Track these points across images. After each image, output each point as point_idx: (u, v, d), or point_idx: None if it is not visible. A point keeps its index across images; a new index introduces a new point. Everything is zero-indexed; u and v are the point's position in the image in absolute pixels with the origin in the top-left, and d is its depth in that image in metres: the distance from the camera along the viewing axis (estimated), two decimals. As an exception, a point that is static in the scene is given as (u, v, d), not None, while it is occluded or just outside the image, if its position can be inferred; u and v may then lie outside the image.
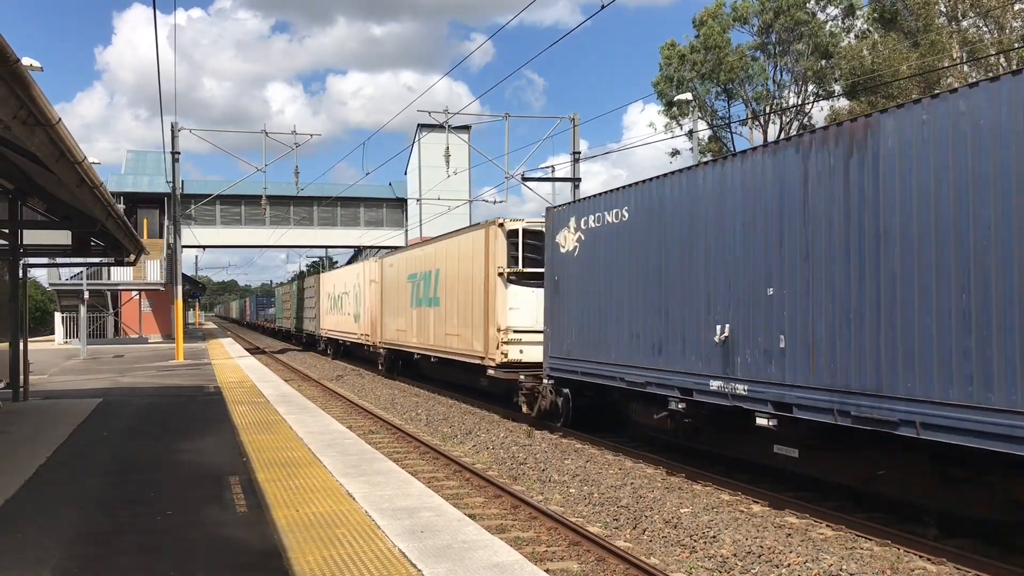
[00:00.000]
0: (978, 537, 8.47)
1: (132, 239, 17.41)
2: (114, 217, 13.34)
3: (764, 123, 52.44)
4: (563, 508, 10.51)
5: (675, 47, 52.58)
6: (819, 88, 50.39)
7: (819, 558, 8.15)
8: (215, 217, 48.42)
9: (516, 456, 13.92)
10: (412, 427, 17.63)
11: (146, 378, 22.04)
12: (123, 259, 23.76)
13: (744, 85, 51.88)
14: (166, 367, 26.09)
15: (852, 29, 49.28)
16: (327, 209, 50.19)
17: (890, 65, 37.05)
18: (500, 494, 11.21)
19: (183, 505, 7.85)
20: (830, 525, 9.41)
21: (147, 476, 9.28)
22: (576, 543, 8.88)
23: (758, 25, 50.89)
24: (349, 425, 16.71)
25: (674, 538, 9.03)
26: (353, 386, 26.70)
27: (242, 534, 6.86)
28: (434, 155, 39.96)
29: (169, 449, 10.99)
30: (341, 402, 22.26)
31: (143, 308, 47.81)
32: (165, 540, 6.72)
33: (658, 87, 53.07)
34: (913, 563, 8.12)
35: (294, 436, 11.93)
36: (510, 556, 6.21)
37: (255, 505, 7.81)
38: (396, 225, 50.97)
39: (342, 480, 8.81)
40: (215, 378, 21.82)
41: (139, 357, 31.22)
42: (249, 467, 9.61)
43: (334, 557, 6.17)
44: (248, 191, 42.74)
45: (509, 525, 9.75)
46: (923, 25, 37.98)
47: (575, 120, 30.26)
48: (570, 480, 12.05)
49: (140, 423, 13.60)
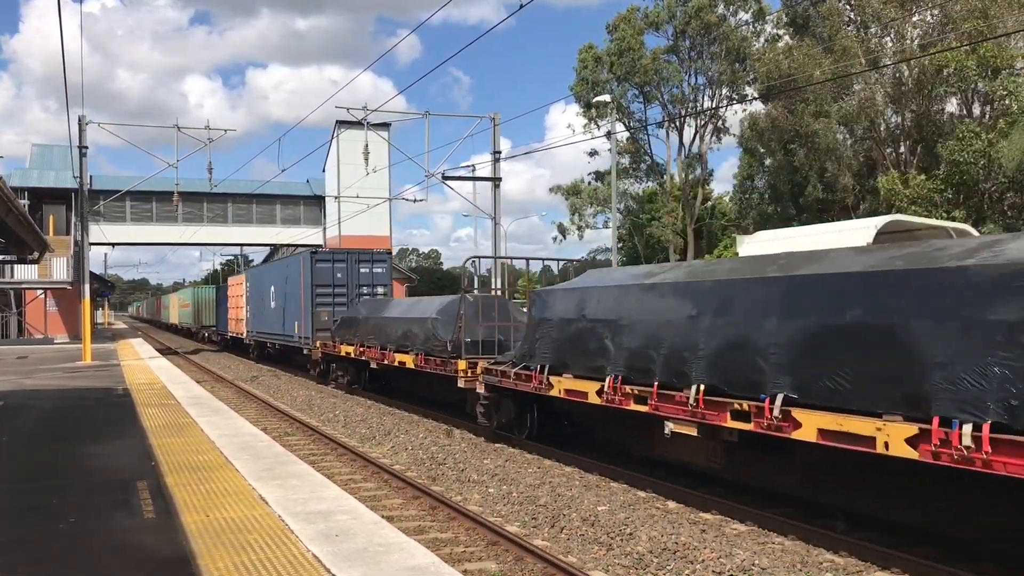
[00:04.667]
0: (882, 530, 8.75)
1: (35, 236, 16.80)
2: (15, 213, 12.85)
3: (680, 125, 53.38)
4: (482, 508, 10.49)
5: (592, 49, 53.10)
6: (732, 92, 51.50)
7: (732, 553, 8.30)
8: (125, 214, 47.02)
9: (435, 456, 13.86)
10: (329, 428, 17.40)
11: (51, 380, 21.25)
12: (26, 256, 22.94)
13: (660, 88, 52.68)
14: (73, 368, 25.20)
15: (763, 33, 50.53)
16: (242, 206, 49.21)
17: (804, 70, 38.06)
18: (419, 495, 11.13)
19: (88, 512, 7.58)
20: (742, 521, 9.60)
21: (50, 482, 8.94)
22: (494, 543, 8.87)
23: (672, 30, 51.75)
24: (264, 427, 16.39)
25: (591, 536, 9.10)
26: (269, 387, 26.23)
27: (150, 540, 6.65)
28: (353, 152, 39.37)
29: (74, 454, 10.61)
30: (256, 404, 21.84)
31: (49, 307, 46.10)
32: (68, 549, 6.47)
33: (575, 90, 53.53)
34: (822, 556, 8.33)
35: (206, 439, 11.65)
36: (427, 558, 6.16)
37: (164, 511, 7.58)
38: (314, 223, 50.27)
39: (255, 484, 8.63)
40: (124, 380, 21.17)
41: (44, 358, 30.09)
42: (158, 471, 9.33)
43: (245, 563, 6.03)
44: (160, 187, 41.65)
45: (427, 526, 9.69)
46: (831, 33, 39.14)
47: (495, 120, 30.30)
48: (489, 479, 12.04)
49: (43, 427, 13.09)
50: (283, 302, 29.81)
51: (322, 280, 26.48)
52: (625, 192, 58.09)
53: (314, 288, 26.42)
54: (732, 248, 40.48)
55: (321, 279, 26.49)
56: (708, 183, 58.24)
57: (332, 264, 26.82)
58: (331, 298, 26.44)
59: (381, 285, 27.36)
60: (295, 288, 27.91)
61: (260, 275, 35.51)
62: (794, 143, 41.45)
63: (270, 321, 32.19)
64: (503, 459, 13.48)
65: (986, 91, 35.30)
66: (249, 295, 36.71)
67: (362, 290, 26.84)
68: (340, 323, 24.53)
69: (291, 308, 28.48)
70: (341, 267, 26.80)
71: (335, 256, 27.27)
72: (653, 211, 57.10)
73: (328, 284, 26.50)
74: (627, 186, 58.25)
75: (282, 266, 31.56)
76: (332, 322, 25.57)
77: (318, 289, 26.44)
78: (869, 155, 40.47)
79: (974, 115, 36.95)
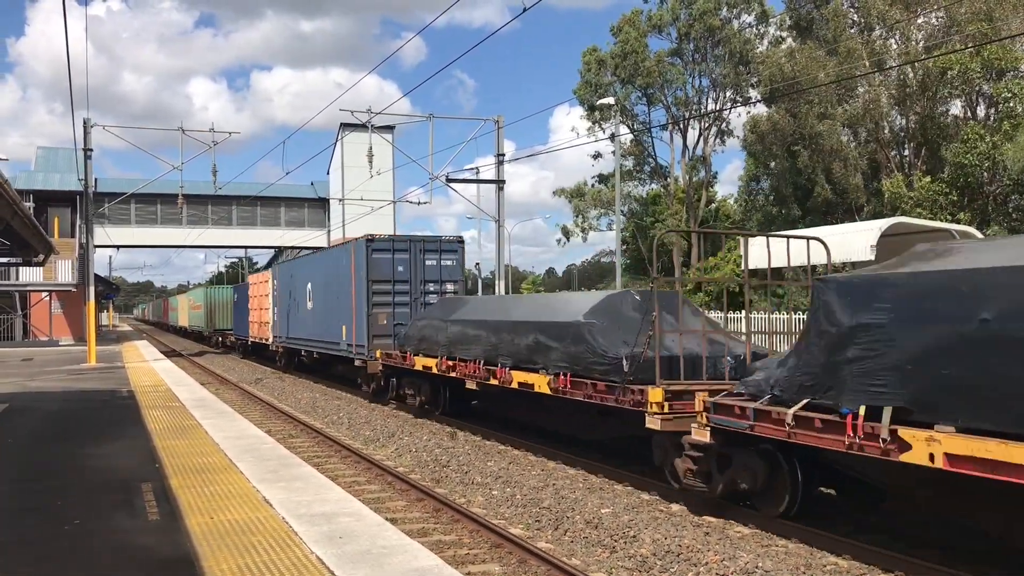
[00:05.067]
0: (886, 533, 8.73)
1: (40, 238, 16.84)
2: (20, 215, 12.89)
3: (684, 128, 53.36)
4: (485, 510, 10.49)
5: (596, 52, 53.12)
6: (736, 94, 51.47)
7: (736, 556, 8.29)
8: (130, 216, 47.15)
9: (439, 459, 13.86)
10: (333, 431, 17.40)
11: (56, 382, 21.30)
12: (31, 259, 23.01)
13: (664, 90, 52.67)
14: (78, 371, 25.25)
15: (766, 36, 50.50)
16: (247, 209, 49.31)
17: (808, 72, 38.04)
18: (422, 497, 11.13)
19: (92, 513, 7.60)
20: (746, 524, 9.58)
21: (54, 484, 8.96)
22: (498, 545, 8.86)
23: (676, 33, 51.75)
24: (268, 429, 16.40)
25: (595, 538, 9.10)
26: (273, 390, 26.24)
27: (153, 542, 6.67)
28: (357, 155, 39.53)
29: (78, 455, 10.63)
30: (260, 406, 21.86)
31: (54, 310, 46.19)
32: (71, 550, 6.49)
33: (579, 93, 53.54)
34: (826, 559, 8.32)
35: (210, 441, 11.66)
36: (430, 560, 6.16)
37: (168, 512, 7.60)
38: (318, 225, 50.35)
39: (259, 486, 8.64)
40: (129, 382, 21.21)
41: (49, 360, 30.15)
42: (162, 473, 9.35)
43: (249, 565, 6.04)
44: (164, 190, 41.73)
45: (431, 528, 9.69)
46: (835, 35, 39.13)
47: (499, 122, 30.33)
48: (493, 482, 12.04)
49: (48, 429, 13.12)
50: (325, 302, 25.11)
51: (380, 275, 21.41)
52: (629, 194, 58.09)
53: (371, 285, 21.22)
54: (736, 251, 40.45)
55: (379, 273, 21.42)
56: (712, 185, 58.25)
57: (392, 255, 21.58)
58: (390, 297, 21.46)
59: (451, 281, 22.28)
60: (343, 285, 23.03)
61: (293, 271, 30.03)
62: (797, 145, 41.43)
63: (306, 325, 27.54)
64: (507, 461, 13.48)
65: (991, 93, 35.25)
66: (277, 295, 31.95)
67: (428, 287, 21.77)
68: (413, 328, 19.25)
69: (337, 309, 23.62)
70: (403, 259, 21.64)
71: (396, 245, 21.75)
72: (657, 213, 57.09)
73: (387, 280, 21.43)
74: (631, 188, 58.25)
75: (325, 259, 26.46)
76: (394, 327, 21.12)
77: (375, 286, 21.28)
78: (873, 157, 40.43)
79: (979, 117, 36.90)
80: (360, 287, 21.53)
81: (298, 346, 28.94)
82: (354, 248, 22.28)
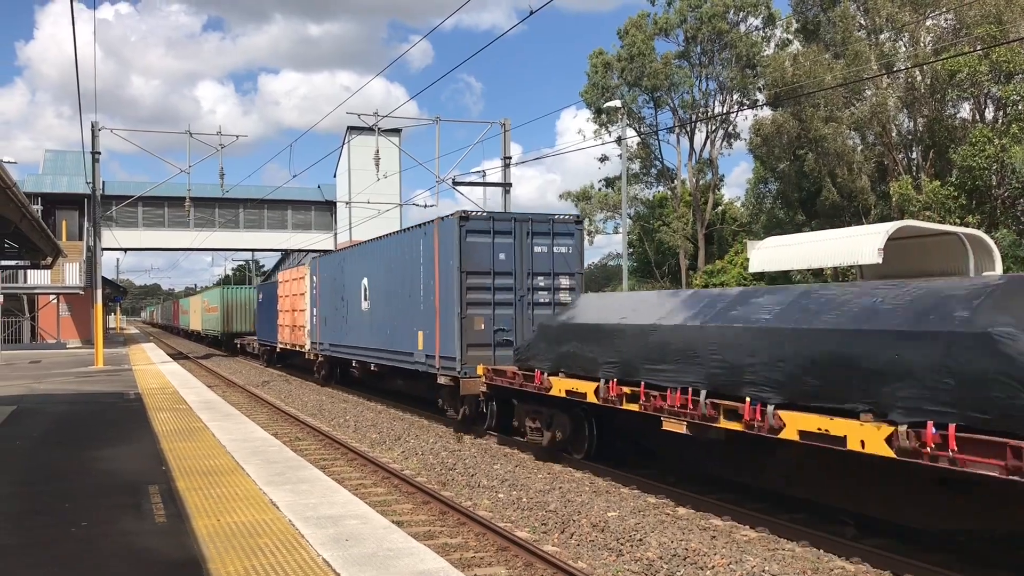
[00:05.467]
0: (893, 536, 8.70)
1: (48, 241, 16.89)
2: (28, 218, 12.93)
3: (690, 131, 53.29)
4: (491, 513, 10.48)
5: (602, 55, 53.12)
6: (743, 98, 51.41)
7: (742, 560, 8.27)
8: (137, 219, 47.24)
9: (445, 461, 13.85)
10: (340, 433, 17.41)
11: (63, 384, 21.35)
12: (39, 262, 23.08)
13: (670, 93, 52.64)
14: (85, 373, 25.32)
15: (773, 39, 50.46)
16: (254, 211, 49.39)
17: (813, 75, 38.00)
18: (428, 500, 11.13)
19: (99, 515, 7.61)
20: (753, 527, 9.56)
21: (62, 486, 8.98)
22: (504, 548, 8.86)
23: (682, 36, 51.73)
24: (274, 432, 16.43)
25: (601, 542, 9.08)
26: (280, 392, 26.27)
27: (160, 544, 6.67)
28: (364, 158, 39.55)
29: (86, 458, 10.65)
30: (267, 408, 21.89)
31: (61, 312, 46.34)
32: (78, 552, 6.50)
33: (586, 95, 53.53)
34: (833, 563, 8.29)
35: (217, 444, 11.68)
36: (436, 563, 6.16)
37: (175, 515, 7.61)
38: (325, 228, 50.40)
39: (266, 488, 8.65)
40: (136, 384, 21.26)
41: (57, 363, 30.25)
42: (169, 476, 9.36)
43: (256, 567, 6.04)
44: (172, 193, 41.82)
45: (437, 531, 9.69)
46: (842, 38, 39.08)
47: (506, 125, 30.35)
48: (499, 485, 12.03)
49: (55, 431, 13.16)
50: (390, 302, 19.94)
51: (476, 264, 16.10)
52: (635, 197, 58.02)
53: (464, 279, 16.04)
54: (743, 254, 40.39)
55: (475, 262, 16.09)
56: (719, 188, 58.13)
57: (492, 238, 16.23)
58: (489, 294, 16.15)
59: (566, 275, 16.84)
60: (416, 279, 17.98)
61: (342, 264, 24.69)
62: (803, 148, 41.35)
63: (359, 330, 22.43)
64: (513, 464, 13.47)
65: (999, 96, 35.15)
66: (317, 293, 27.06)
67: (536, 282, 16.54)
68: (546, 335, 13.91)
69: (407, 311, 18.53)
70: (505, 244, 16.35)
71: (496, 225, 16.40)
72: (664, 216, 57.03)
73: (485, 271, 16.13)
74: (637, 191, 58.18)
75: (390, 247, 20.29)
76: (494, 334, 16.05)
77: (471, 280, 16.08)
78: (880, 160, 40.34)
79: (987, 120, 36.80)
80: (448, 281, 16.34)
81: (346, 355, 23.94)
82: (438, 230, 16.94)
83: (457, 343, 15.96)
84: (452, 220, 16.22)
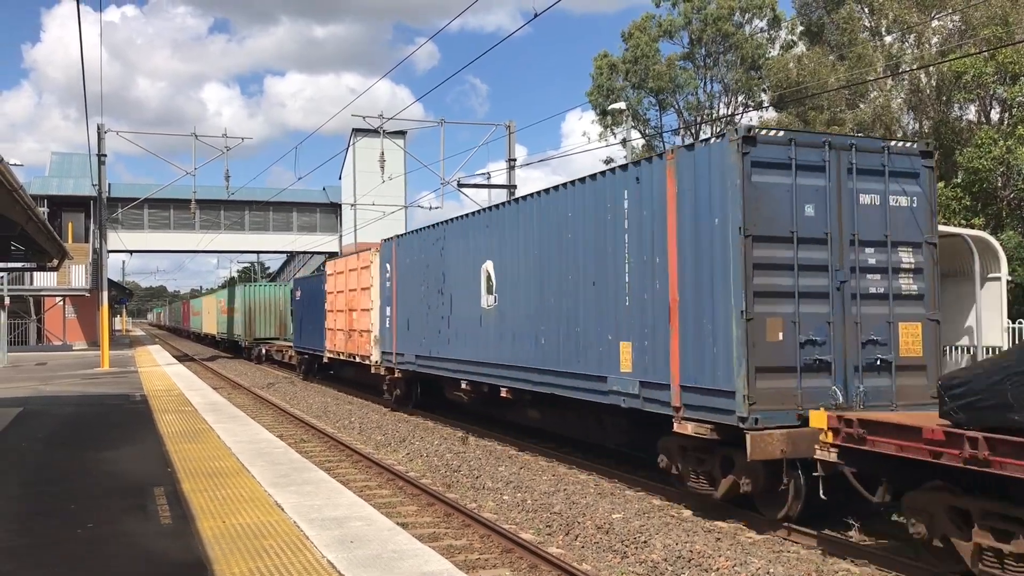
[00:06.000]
0: (897, 538, 8.69)
1: (54, 243, 16.94)
2: (35, 221, 12.97)
3: (695, 133, 53.28)
4: (496, 515, 10.49)
5: (607, 57, 53.15)
6: (748, 99, 51.40)
7: (747, 562, 8.26)
8: (143, 221, 47.36)
9: (450, 463, 13.86)
10: (345, 435, 17.43)
11: (69, 386, 21.41)
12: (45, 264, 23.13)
13: (675, 95, 52.65)
14: (91, 375, 25.38)
15: (777, 40, 50.46)
16: (259, 213, 49.49)
17: (816, 77, 37.99)
18: (433, 502, 11.14)
19: (105, 517, 7.63)
20: (757, 529, 9.55)
21: (68, 487, 9.00)
22: (509, 550, 8.86)
23: (687, 38, 51.75)
24: (280, 434, 16.45)
25: (606, 543, 9.08)
26: (285, 394, 26.31)
27: (165, 546, 6.70)
28: (369, 160, 39.58)
29: (92, 459, 10.68)
30: (272, 410, 21.91)
31: (67, 314, 46.49)
32: (84, 553, 6.52)
33: (591, 97, 53.55)
34: (838, 565, 8.29)
35: (222, 445, 11.70)
36: (441, 565, 6.17)
37: (180, 516, 7.63)
38: (330, 230, 50.48)
39: (271, 490, 8.67)
40: (141, 386, 21.30)
41: (63, 365, 30.33)
42: (175, 477, 9.39)
43: (260, 569, 6.05)
44: (177, 195, 41.91)
45: (442, 533, 9.70)
46: (848, 39, 39.07)
47: (511, 127, 30.37)
48: (504, 487, 12.03)
49: (62, 433, 13.20)
50: (548, 293, 13.45)
51: (768, 223, 9.60)
52: (641, 199, 57.95)
53: (750, 248, 9.43)
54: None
55: (766, 219, 9.60)
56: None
57: (793, 177, 9.77)
58: (789, 278, 9.65)
59: (907, 245, 10.35)
60: (628, 252, 11.31)
61: (441, 242, 17.83)
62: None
63: (477, 337, 15.91)
64: (518, 466, 13.47)
65: (1005, 97, 35.07)
66: (396, 286, 20.41)
67: (864, 256, 10.10)
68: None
69: (592, 307, 12.11)
70: (813, 188, 9.90)
71: (799, 155, 9.85)
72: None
73: (783, 237, 9.68)
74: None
75: (552, 207, 13.47)
76: (799, 348, 9.54)
77: (760, 250, 9.52)
78: (886, 162, 40.25)
79: (992, 121, 36.73)
80: (711, 253, 9.83)
81: (448, 373, 17.28)
82: (678, 164, 10.35)
83: (739, 364, 9.28)
84: (723, 144, 9.63)
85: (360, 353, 23.01)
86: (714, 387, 9.55)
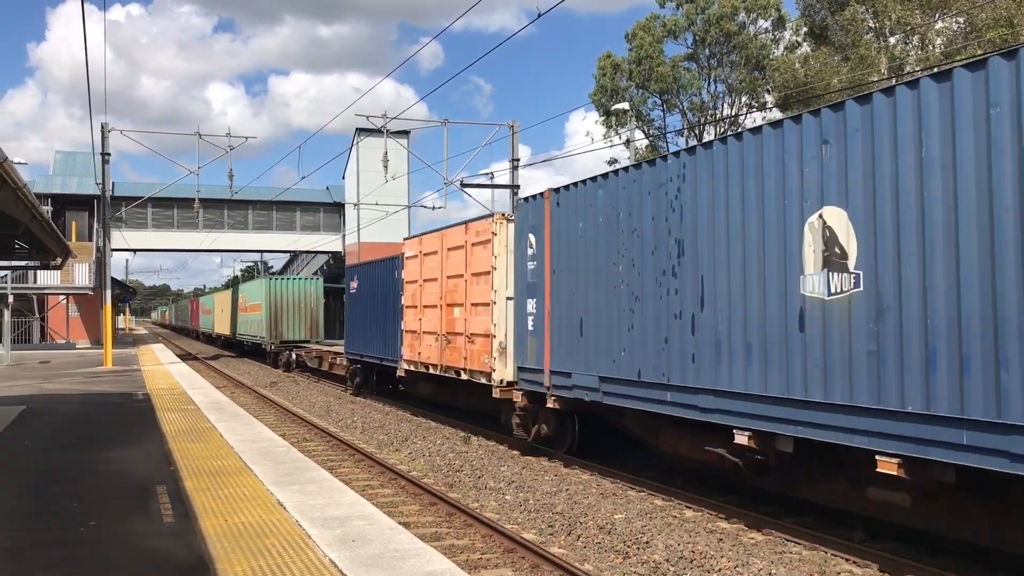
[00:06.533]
0: (901, 540, 8.68)
1: (58, 242, 16.97)
2: (39, 219, 12.99)
3: (699, 133, 53.23)
4: (498, 515, 10.49)
5: (611, 57, 53.12)
6: (752, 100, 51.33)
7: (749, 563, 8.26)
8: (147, 220, 47.46)
9: (452, 463, 13.86)
10: (347, 435, 17.44)
11: (72, 385, 21.43)
12: (49, 262, 23.17)
13: (679, 95, 52.60)
14: (94, 373, 25.41)
15: (782, 40, 50.37)
16: (262, 213, 49.57)
17: (821, 78, 37.95)
18: (435, 501, 11.15)
19: (107, 516, 7.64)
20: (760, 530, 9.55)
21: (70, 486, 9.01)
22: (511, 550, 8.86)
23: (691, 38, 51.69)
24: (282, 433, 16.47)
25: (608, 544, 9.08)
26: (288, 393, 26.32)
27: (168, 545, 6.70)
28: (372, 160, 39.63)
29: (94, 458, 10.69)
30: (275, 410, 21.93)
31: (71, 313, 46.54)
32: (86, 553, 6.53)
33: (594, 97, 53.52)
34: (840, 566, 8.27)
35: (225, 444, 11.71)
36: (443, 564, 6.17)
37: (182, 515, 7.63)
38: (333, 230, 50.54)
39: (273, 489, 8.67)
40: (144, 385, 21.32)
41: (66, 363, 30.37)
42: (177, 476, 9.39)
43: (262, 568, 6.06)
44: (181, 194, 41.96)
45: (444, 533, 9.70)
46: (851, 41, 39.02)
47: (514, 127, 30.36)
48: (506, 487, 12.03)
49: (64, 431, 13.21)
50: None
51: None
52: (644, 200, 57.91)
53: None
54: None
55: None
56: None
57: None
58: None
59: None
60: None
61: (675, 179, 10.45)
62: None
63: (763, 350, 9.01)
64: (520, 466, 13.47)
65: (1009, 99, 35.02)
66: (552, 264, 13.39)
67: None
68: None
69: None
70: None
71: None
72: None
73: None
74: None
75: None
76: None
77: None
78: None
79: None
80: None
81: (713, 416, 9.77)
82: None
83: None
84: None
85: (468, 367, 16.33)
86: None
